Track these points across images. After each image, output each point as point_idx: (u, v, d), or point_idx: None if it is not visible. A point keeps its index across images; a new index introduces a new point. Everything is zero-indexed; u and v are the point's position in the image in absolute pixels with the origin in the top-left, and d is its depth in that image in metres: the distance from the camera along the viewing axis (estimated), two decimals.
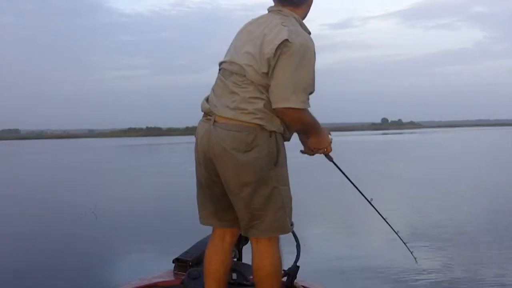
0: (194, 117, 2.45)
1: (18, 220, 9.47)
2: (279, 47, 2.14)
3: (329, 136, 2.44)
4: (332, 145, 2.44)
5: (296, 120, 2.23)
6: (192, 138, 2.39)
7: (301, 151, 2.49)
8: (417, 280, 5.05)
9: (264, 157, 2.20)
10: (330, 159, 2.52)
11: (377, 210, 2.69)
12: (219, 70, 2.36)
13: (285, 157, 2.32)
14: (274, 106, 2.16)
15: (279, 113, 2.19)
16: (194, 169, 2.40)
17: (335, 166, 2.58)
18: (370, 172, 16.51)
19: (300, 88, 2.16)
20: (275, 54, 2.14)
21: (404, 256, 5.85)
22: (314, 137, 2.38)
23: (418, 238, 6.88)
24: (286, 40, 2.14)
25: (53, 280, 5.45)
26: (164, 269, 2.96)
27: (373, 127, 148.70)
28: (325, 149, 2.43)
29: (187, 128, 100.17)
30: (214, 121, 2.23)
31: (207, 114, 2.30)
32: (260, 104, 2.19)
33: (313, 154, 2.48)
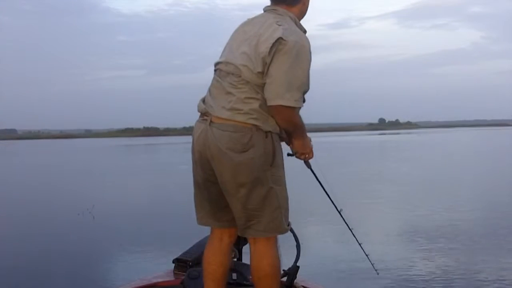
0: (191, 117, 2.45)
1: (15, 220, 9.45)
2: (274, 45, 2.15)
3: (311, 142, 2.45)
4: (320, 148, 2.46)
5: (287, 119, 2.23)
6: (189, 138, 2.40)
7: (288, 154, 2.48)
8: (416, 279, 5.07)
9: (260, 157, 2.21)
10: (309, 166, 2.52)
11: (345, 221, 2.71)
12: (215, 70, 2.36)
13: (282, 158, 2.32)
14: (269, 103, 2.17)
15: (272, 111, 2.19)
16: (191, 168, 2.40)
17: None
18: (366, 173, 16.57)
19: (294, 86, 2.16)
20: (269, 52, 2.15)
21: (403, 256, 5.94)
22: (300, 140, 2.38)
23: (416, 238, 6.91)
24: (281, 38, 2.15)
25: (52, 280, 5.44)
26: (164, 269, 2.97)
27: (370, 127, 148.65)
28: (307, 155, 2.44)
29: (184, 128, 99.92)
30: (210, 121, 2.24)
31: (203, 114, 2.31)
32: (255, 104, 2.20)
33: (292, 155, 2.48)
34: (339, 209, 2.71)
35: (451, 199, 10.64)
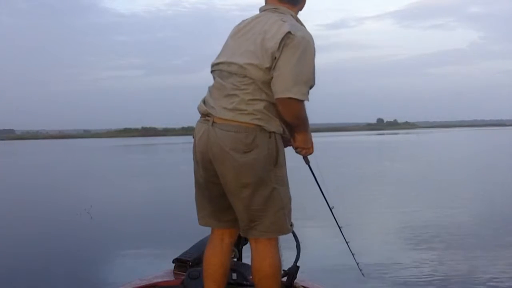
0: (190, 117, 2.45)
1: (13, 221, 9.42)
2: (283, 39, 2.16)
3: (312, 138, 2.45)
4: (318, 148, 2.47)
5: (294, 112, 2.23)
6: (188, 138, 2.40)
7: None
8: (415, 280, 5.08)
9: (264, 158, 2.20)
10: (307, 162, 2.53)
11: (335, 219, 2.72)
12: (214, 71, 2.36)
13: (284, 158, 2.32)
14: (276, 96, 2.17)
15: (280, 104, 2.18)
16: (191, 169, 2.40)
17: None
18: (362, 172, 16.59)
19: (302, 79, 2.17)
20: (279, 47, 2.16)
21: (402, 257, 5.94)
22: (302, 135, 2.38)
23: (415, 238, 6.92)
24: (289, 32, 2.16)
25: (51, 281, 5.42)
26: (164, 269, 2.96)
27: (369, 127, 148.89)
28: (308, 150, 2.44)
29: (183, 128, 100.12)
30: (213, 122, 2.23)
31: (205, 115, 2.30)
32: (259, 105, 2.19)
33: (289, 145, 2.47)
34: (331, 206, 2.71)
35: (447, 198, 10.67)
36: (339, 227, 2.75)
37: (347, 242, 2.78)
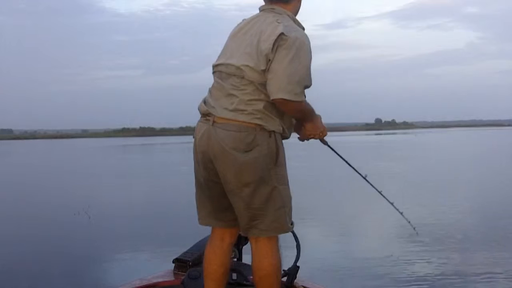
0: (188, 117, 2.47)
1: (11, 221, 9.40)
2: (276, 41, 2.18)
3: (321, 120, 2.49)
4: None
5: (292, 110, 2.27)
6: (185, 138, 2.41)
7: (298, 139, 2.56)
8: (413, 279, 5.09)
9: (264, 156, 2.22)
10: (325, 142, 2.58)
11: (372, 185, 2.72)
12: (214, 72, 2.37)
13: (284, 157, 2.34)
14: (271, 96, 2.19)
15: (276, 104, 2.21)
16: (190, 168, 2.41)
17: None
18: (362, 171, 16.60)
19: (294, 80, 2.18)
20: (272, 48, 2.18)
21: (401, 257, 5.95)
22: (310, 124, 2.42)
23: (413, 239, 6.93)
24: (282, 33, 2.18)
25: (50, 281, 5.41)
26: (164, 269, 2.97)
27: (367, 127, 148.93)
28: (320, 134, 2.48)
29: (180, 128, 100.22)
30: (213, 121, 2.24)
31: (205, 115, 2.31)
32: (259, 105, 2.21)
33: (307, 139, 2.53)
34: (364, 175, 2.71)
35: (444, 197, 10.70)
36: (379, 191, 2.72)
37: (391, 203, 2.76)
